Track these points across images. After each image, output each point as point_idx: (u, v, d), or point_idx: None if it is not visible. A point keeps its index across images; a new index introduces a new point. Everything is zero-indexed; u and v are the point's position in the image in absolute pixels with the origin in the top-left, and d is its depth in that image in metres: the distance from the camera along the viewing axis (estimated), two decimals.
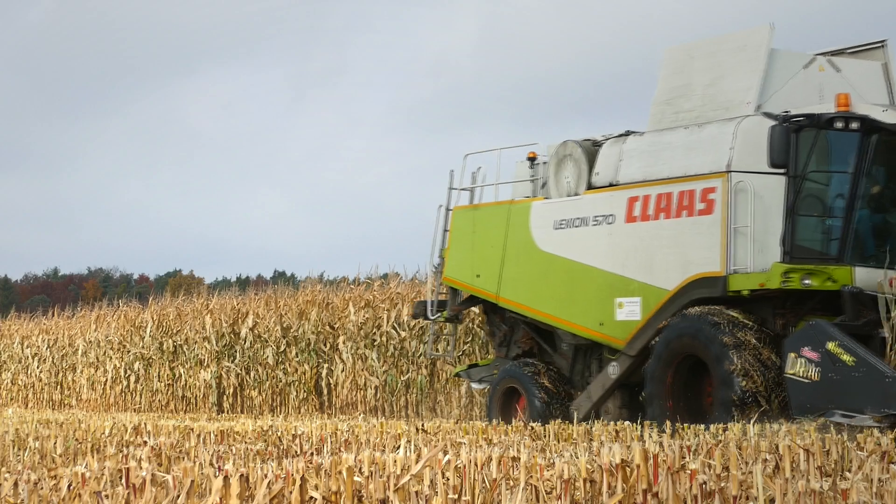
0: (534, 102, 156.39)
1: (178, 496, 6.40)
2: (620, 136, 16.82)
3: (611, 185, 16.57)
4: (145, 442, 11.91)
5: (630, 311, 16.10)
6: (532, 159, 18.16)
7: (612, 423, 14.68)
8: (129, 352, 31.50)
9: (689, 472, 7.00)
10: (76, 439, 12.57)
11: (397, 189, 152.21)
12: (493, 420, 16.65)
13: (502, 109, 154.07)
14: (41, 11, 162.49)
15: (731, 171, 15.03)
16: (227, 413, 27.37)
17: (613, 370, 16.43)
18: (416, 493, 6.69)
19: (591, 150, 17.05)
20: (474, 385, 19.67)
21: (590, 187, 16.85)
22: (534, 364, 17.54)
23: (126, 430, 14.30)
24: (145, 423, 15.96)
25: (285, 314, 27.72)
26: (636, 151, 16.37)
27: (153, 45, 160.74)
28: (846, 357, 13.40)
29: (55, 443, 11.64)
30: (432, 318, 19.45)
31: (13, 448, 11.88)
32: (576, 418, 16.22)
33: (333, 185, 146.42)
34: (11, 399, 35.41)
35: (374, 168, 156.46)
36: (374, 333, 25.29)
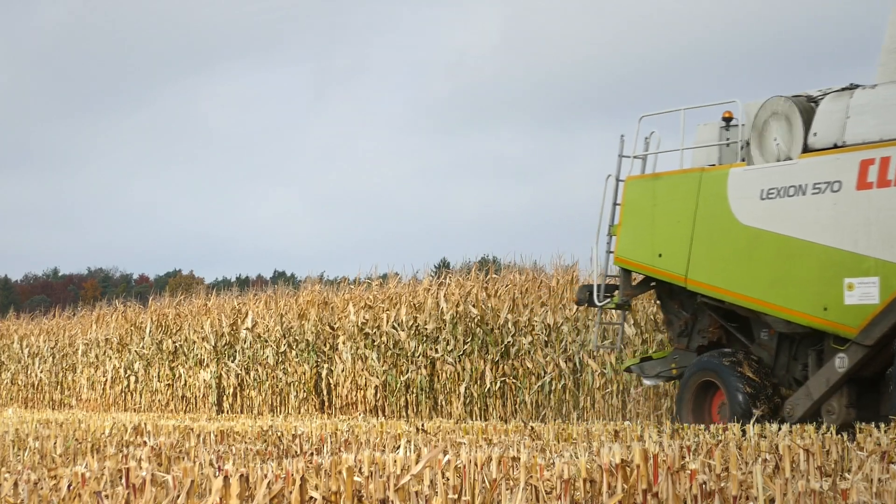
0: (549, 102, 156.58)
1: (178, 496, 6.39)
2: (843, 89, 14.70)
3: (835, 146, 14.35)
4: (145, 442, 11.91)
5: (864, 293, 13.81)
6: (728, 120, 15.83)
7: (836, 423, 13.34)
8: (129, 352, 31.52)
9: (689, 472, 7.00)
10: (76, 439, 12.56)
11: (407, 189, 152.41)
12: (685, 420, 14.83)
13: (517, 110, 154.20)
14: (55, 11, 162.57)
15: None
16: (227, 413, 27.38)
17: (841, 363, 14.11)
18: (416, 493, 6.70)
19: (807, 107, 14.88)
20: (647, 381, 17.14)
21: (806, 150, 14.63)
22: (735, 355, 15.32)
23: (126, 430, 14.30)
24: (145, 423, 15.96)
25: (285, 314, 27.73)
26: (869, 107, 14.18)
27: (170, 44, 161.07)
28: None
29: (55, 443, 11.64)
30: (600, 304, 17.03)
31: (13, 448, 11.87)
32: (790, 418, 14.49)
33: (342, 186, 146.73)
34: (11, 399, 35.44)
35: (385, 168, 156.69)
36: (374, 333, 25.29)
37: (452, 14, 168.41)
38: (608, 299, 16.94)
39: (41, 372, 34.79)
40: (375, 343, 25.15)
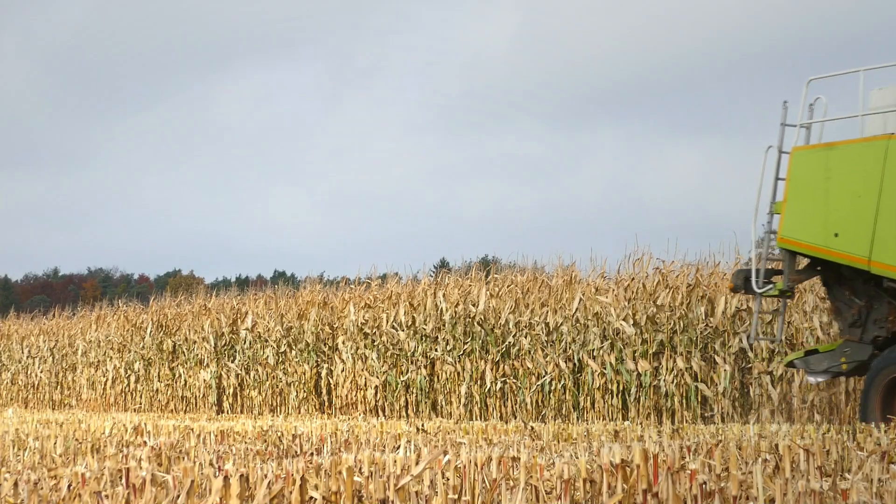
0: (562, 102, 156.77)
1: (178, 496, 6.39)
2: None
3: None
4: (145, 442, 11.91)
5: None
6: None
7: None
8: (129, 352, 31.52)
9: (689, 472, 7.00)
10: (76, 439, 12.56)
11: (412, 189, 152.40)
12: (871, 421, 13.52)
13: (530, 110, 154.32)
14: (69, 11, 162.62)
15: None
16: (227, 413, 27.39)
17: None
18: (417, 493, 6.69)
19: None
20: (811, 378, 15.13)
21: None
22: None
23: (126, 430, 14.31)
24: (145, 423, 15.96)
25: (285, 314, 27.74)
26: None
27: (184, 44, 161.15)
28: None
29: (55, 443, 11.64)
30: (759, 291, 15.08)
31: (13, 448, 11.87)
32: None
33: (347, 186, 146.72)
34: (11, 399, 35.45)
35: (392, 168, 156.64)
36: (374, 333, 25.29)
37: (468, 14, 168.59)
38: (769, 285, 15.12)
39: (41, 372, 34.79)
40: (375, 343, 25.15)
